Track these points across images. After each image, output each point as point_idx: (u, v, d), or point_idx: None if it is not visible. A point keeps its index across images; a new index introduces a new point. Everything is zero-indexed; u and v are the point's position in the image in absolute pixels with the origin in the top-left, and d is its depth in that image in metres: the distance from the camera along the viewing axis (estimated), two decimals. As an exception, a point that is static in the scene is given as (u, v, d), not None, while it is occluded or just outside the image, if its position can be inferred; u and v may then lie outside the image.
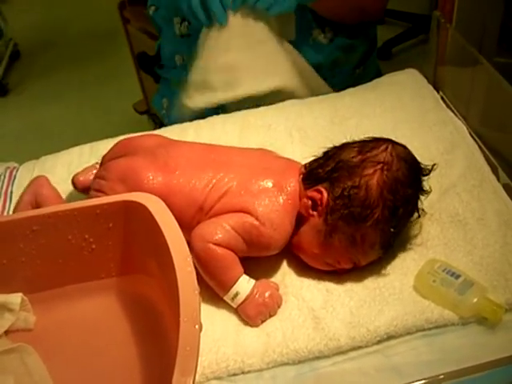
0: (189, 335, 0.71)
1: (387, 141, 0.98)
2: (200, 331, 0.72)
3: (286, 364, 0.87)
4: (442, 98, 1.29)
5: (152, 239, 0.86)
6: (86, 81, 3.24)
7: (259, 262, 0.99)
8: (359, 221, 0.92)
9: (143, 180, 0.97)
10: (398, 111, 1.26)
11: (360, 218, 0.92)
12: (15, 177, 1.25)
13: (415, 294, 0.92)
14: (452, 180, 1.09)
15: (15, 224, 0.91)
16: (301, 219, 0.98)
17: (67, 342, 0.91)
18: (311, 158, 1.03)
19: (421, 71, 1.37)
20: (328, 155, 1.01)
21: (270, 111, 1.31)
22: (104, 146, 1.16)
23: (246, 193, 0.97)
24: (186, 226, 0.93)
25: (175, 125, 1.32)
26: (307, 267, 0.98)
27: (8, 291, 0.92)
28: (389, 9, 1.62)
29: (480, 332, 0.88)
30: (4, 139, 2.92)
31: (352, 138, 1.03)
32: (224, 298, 0.93)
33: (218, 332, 0.91)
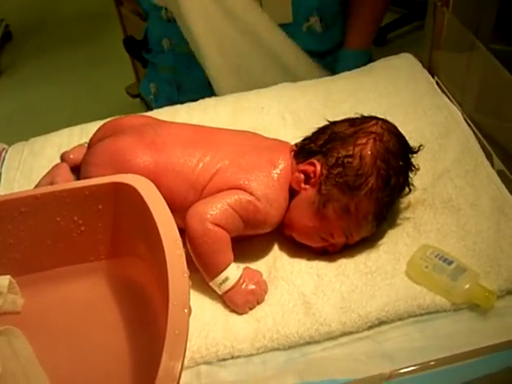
0: (178, 319, 0.70)
1: (375, 118, 0.99)
2: (189, 315, 0.71)
3: (277, 349, 0.87)
4: (437, 83, 1.28)
5: (141, 221, 0.85)
6: (79, 63, 3.21)
7: (250, 246, 0.99)
8: (354, 189, 0.92)
9: (130, 159, 0.96)
10: (393, 96, 1.25)
11: (354, 187, 0.92)
12: (4, 158, 1.24)
13: (407, 280, 0.92)
14: (446, 165, 1.08)
15: (3, 205, 0.89)
16: (292, 195, 0.97)
17: (55, 325, 0.90)
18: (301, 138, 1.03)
19: (416, 56, 1.36)
20: (318, 132, 1.01)
21: (263, 94, 1.30)
22: (94, 128, 1.14)
23: (239, 170, 0.96)
24: (179, 208, 0.92)
25: (166, 107, 1.30)
26: (298, 251, 0.98)
27: (-5, 273, 0.91)
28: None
29: (472, 318, 0.87)
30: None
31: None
32: (210, 284, 0.92)
33: (208, 316, 0.90)
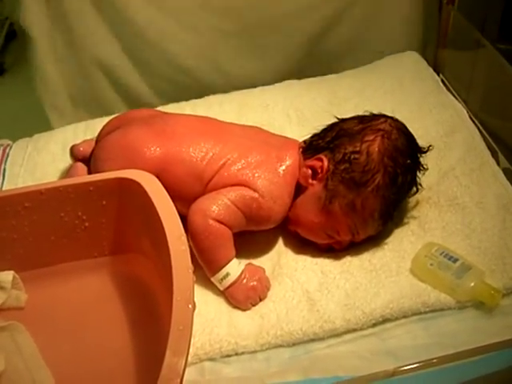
0: (182, 315, 0.70)
1: (384, 116, 0.99)
2: (193, 311, 0.71)
3: (281, 346, 0.87)
4: (443, 81, 1.28)
5: (146, 217, 0.84)
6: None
7: (254, 242, 0.98)
8: (360, 185, 0.92)
9: (140, 149, 0.96)
10: (398, 93, 1.24)
11: (361, 183, 0.92)
12: (8, 154, 1.24)
13: (412, 277, 0.91)
14: (451, 163, 1.08)
15: (7, 200, 0.89)
16: (298, 190, 0.97)
17: (58, 321, 0.89)
18: (309, 135, 1.02)
19: (421, 54, 1.35)
20: (327, 129, 1.00)
21: (268, 91, 1.30)
22: (99, 125, 1.14)
23: (246, 165, 0.96)
24: (185, 198, 0.93)
25: (171, 104, 1.30)
26: (303, 248, 0.98)
27: (-1, 269, 0.91)
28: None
29: (477, 316, 0.87)
30: (1, 119, 2.89)
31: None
32: (212, 279, 0.92)
33: (212, 312, 0.90)
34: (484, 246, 0.94)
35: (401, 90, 1.25)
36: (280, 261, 0.96)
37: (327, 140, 0.97)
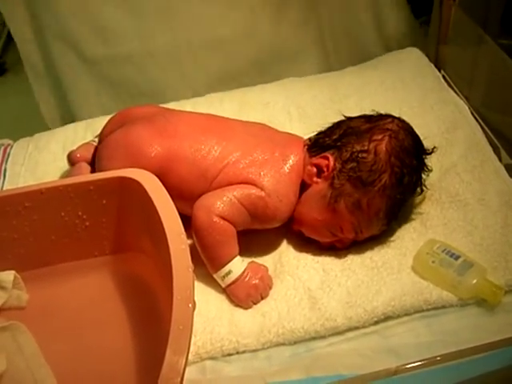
0: (182, 314, 0.69)
1: (391, 116, 0.98)
2: (193, 310, 0.71)
3: (282, 344, 0.86)
4: (444, 78, 1.27)
5: (146, 216, 0.84)
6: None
7: (256, 240, 0.98)
8: (367, 185, 0.91)
9: (143, 147, 0.96)
10: (399, 90, 1.24)
11: (368, 182, 0.91)
12: (9, 154, 1.24)
13: (414, 275, 0.91)
14: (453, 160, 1.07)
15: (7, 200, 0.89)
16: (302, 188, 0.96)
17: (60, 320, 0.89)
18: (314, 133, 1.02)
19: (422, 50, 1.35)
20: (333, 126, 1.00)
21: (269, 89, 1.30)
22: (100, 124, 1.14)
23: (251, 163, 0.95)
24: (189, 196, 0.93)
25: (172, 102, 1.30)
26: (305, 246, 0.97)
27: (0, 269, 0.90)
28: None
29: (479, 314, 0.87)
30: (1, 118, 2.89)
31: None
32: (214, 276, 0.92)
33: (213, 311, 0.90)
34: (486, 243, 0.94)
35: (402, 87, 1.25)
36: (281, 259, 0.96)
37: (334, 138, 0.97)
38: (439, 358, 0.75)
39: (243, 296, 0.90)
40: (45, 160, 1.19)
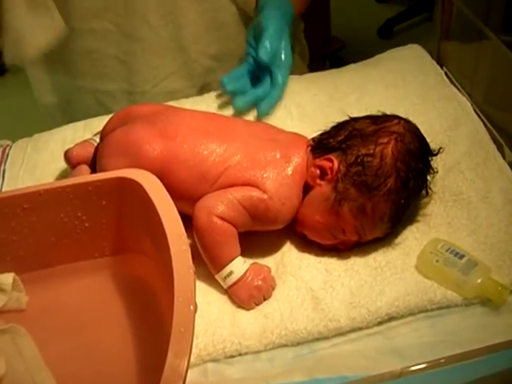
0: (183, 316, 0.69)
1: (398, 117, 0.97)
2: (195, 312, 0.70)
3: (285, 346, 0.85)
4: (446, 74, 1.26)
5: (146, 217, 0.83)
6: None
7: (258, 241, 0.97)
8: (372, 189, 0.90)
9: (143, 148, 0.94)
10: (401, 87, 1.22)
11: (372, 187, 0.90)
12: (8, 155, 1.23)
13: (417, 274, 0.90)
14: (456, 157, 1.06)
15: (6, 202, 0.88)
16: (305, 190, 0.95)
17: (60, 323, 0.89)
18: (318, 133, 1.01)
19: (424, 46, 1.34)
20: (338, 127, 0.99)
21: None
22: (98, 123, 1.13)
23: (253, 165, 0.94)
24: (191, 198, 0.92)
25: (171, 101, 1.28)
26: (307, 246, 0.96)
27: (-1, 271, 0.90)
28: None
29: (484, 313, 0.86)
30: (1, 119, 2.89)
31: (353, 115, 1.00)
32: (216, 277, 0.91)
33: (215, 313, 0.89)
34: (490, 242, 0.92)
35: (403, 84, 1.23)
36: (284, 259, 0.95)
37: (338, 139, 0.95)
38: (444, 360, 0.74)
39: (245, 297, 0.89)
40: (44, 160, 1.18)
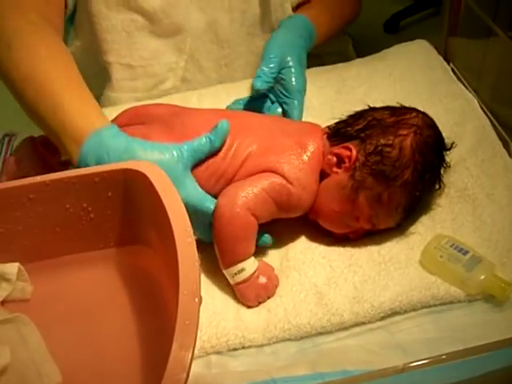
0: (188, 308, 0.68)
1: (416, 110, 0.98)
2: (200, 304, 0.70)
3: (288, 340, 0.86)
4: (453, 70, 1.26)
5: (151, 209, 0.83)
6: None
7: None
8: (389, 179, 0.90)
9: None
10: (407, 82, 1.23)
11: (390, 177, 0.90)
12: (13, 146, 1.23)
13: (421, 270, 0.90)
14: (461, 154, 1.06)
15: (11, 192, 0.88)
16: (321, 178, 0.95)
17: (64, 313, 0.88)
18: (334, 121, 1.01)
19: (430, 41, 1.34)
20: (356, 116, 0.99)
21: (275, 80, 1.27)
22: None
23: (269, 152, 0.94)
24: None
25: (177, 94, 1.28)
26: (311, 241, 0.97)
27: (5, 261, 0.90)
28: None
29: (487, 310, 0.86)
30: (7, 110, 2.88)
31: (358, 109, 1.01)
32: (225, 271, 0.90)
33: (219, 306, 0.89)
34: (495, 239, 0.93)
35: (410, 79, 1.23)
36: (288, 254, 0.95)
37: (357, 128, 0.95)
38: (447, 356, 0.73)
39: (252, 296, 0.89)
40: (49, 150, 1.18)
